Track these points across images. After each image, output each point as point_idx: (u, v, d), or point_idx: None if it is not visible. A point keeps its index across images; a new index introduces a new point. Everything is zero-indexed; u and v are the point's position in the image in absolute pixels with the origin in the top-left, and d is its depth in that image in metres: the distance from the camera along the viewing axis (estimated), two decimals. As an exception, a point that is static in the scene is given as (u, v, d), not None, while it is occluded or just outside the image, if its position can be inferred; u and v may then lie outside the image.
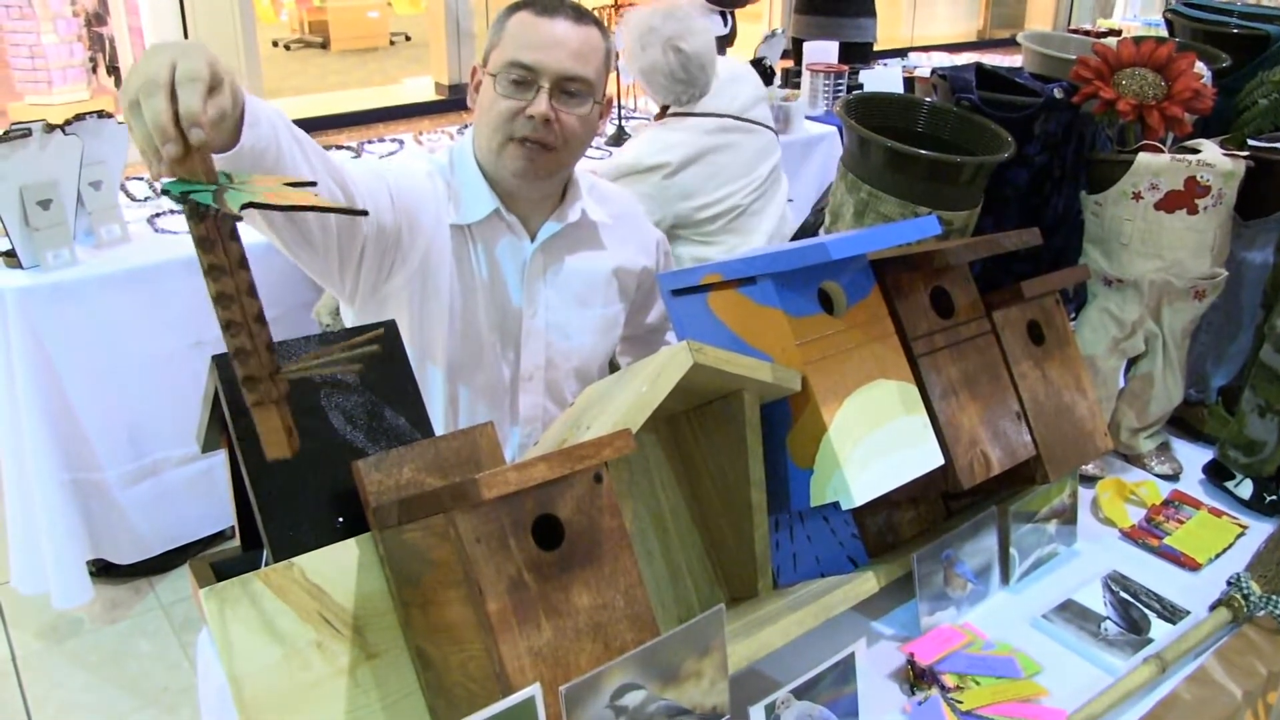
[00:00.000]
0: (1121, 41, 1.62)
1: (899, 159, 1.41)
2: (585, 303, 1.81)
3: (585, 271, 1.80)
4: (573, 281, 1.79)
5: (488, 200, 1.69)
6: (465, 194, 1.70)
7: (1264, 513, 1.53)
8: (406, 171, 1.68)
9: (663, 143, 2.87)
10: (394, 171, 1.66)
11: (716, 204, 2.92)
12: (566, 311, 1.78)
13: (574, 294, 1.79)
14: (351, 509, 1.04)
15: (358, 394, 1.12)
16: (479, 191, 1.69)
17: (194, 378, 2.75)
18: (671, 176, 2.83)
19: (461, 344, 1.71)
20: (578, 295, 1.79)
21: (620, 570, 0.95)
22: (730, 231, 2.96)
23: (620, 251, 1.85)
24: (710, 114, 2.92)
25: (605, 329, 1.85)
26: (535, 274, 1.74)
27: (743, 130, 2.99)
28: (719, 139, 2.90)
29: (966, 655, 1.19)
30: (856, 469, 1.11)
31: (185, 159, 0.97)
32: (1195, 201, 1.49)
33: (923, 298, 1.25)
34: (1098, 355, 1.59)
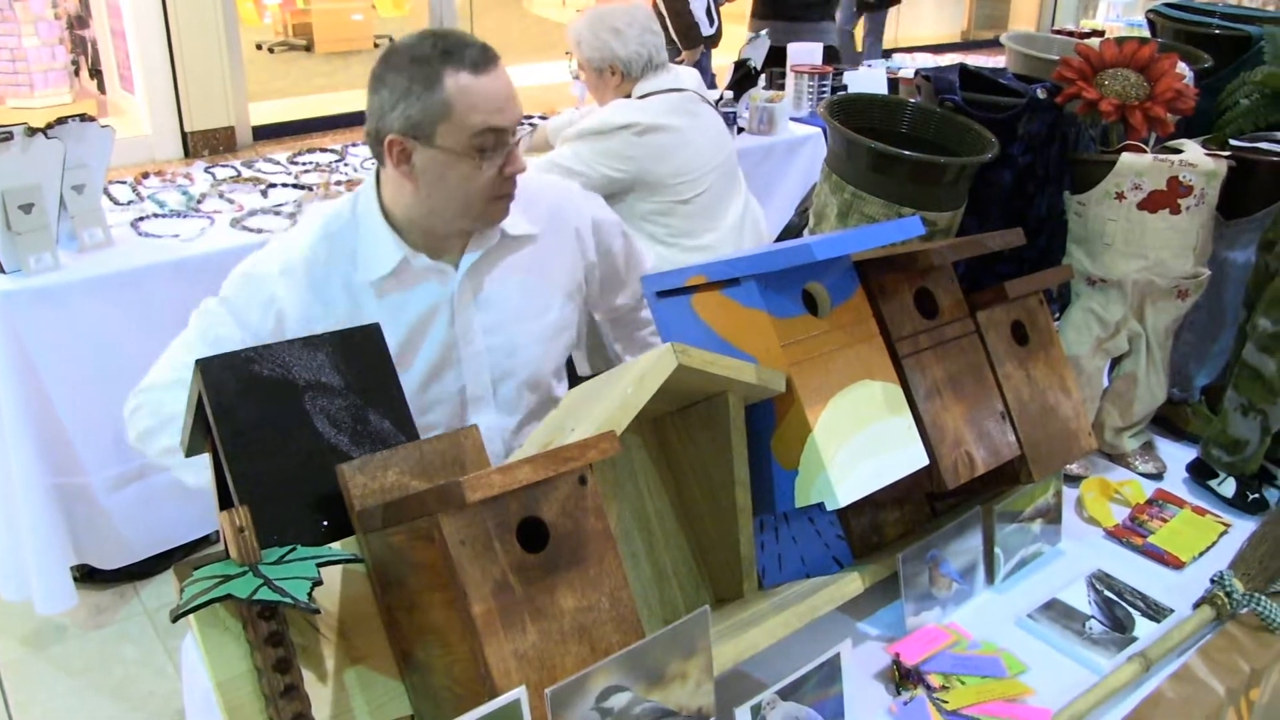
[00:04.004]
0: (1104, 42, 1.62)
1: (883, 160, 1.42)
2: (524, 317, 1.77)
3: (519, 287, 1.76)
4: (507, 300, 1.75)
5: (393, 251, 1.65)
6: (367, 250, 1.66)
7: (1247, 511, 1.54)
8: (265, 310, 1.64)
9: (631, 106, 2.94)
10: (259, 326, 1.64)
11: (688, 174, 2.95)
12: (506, 331, 1.75)
13: (511, 312, 1.75)
14: (336, 512, 1.03)
15: (342, 397, 1.12)
16: (382, 246, 1.65)
17: (179, 382, 2.73)
18: (641, 135, 2.86)
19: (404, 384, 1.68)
20: (515, 312, 1.76)
21: (605, 572, 0.95)
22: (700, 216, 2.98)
23: (555, 259, 1.80)
24: (672, 89, 2.97)
25: (552, 335, 1.82)
26: (465, 303, 1.71)
27: (705, 106, 3.04)
28: (682, 118, 2.95)
29: (952, 655, 1.20)
30: (841, 470, 1.11)
31: None
32: (1178, 201, 1.50)
33: (907, 298, 1.25)
34: (1082, 355, 1.60)
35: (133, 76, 5.91)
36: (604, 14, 3.01)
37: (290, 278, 1.63)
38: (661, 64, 3.03)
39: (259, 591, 0.88)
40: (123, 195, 3.16)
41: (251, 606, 0.92)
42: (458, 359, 1.72)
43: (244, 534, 0.92)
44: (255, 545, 0.93)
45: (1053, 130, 1.66)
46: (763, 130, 3.96)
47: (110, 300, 2.64)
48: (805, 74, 4.33)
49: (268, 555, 0.93)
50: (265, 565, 0.92)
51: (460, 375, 1.73)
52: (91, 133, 2.72)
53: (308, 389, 1.10)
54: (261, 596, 0.87)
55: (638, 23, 3.02)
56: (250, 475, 1.03)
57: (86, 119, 2.70)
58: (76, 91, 6.26)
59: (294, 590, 0.88)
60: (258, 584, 0.88)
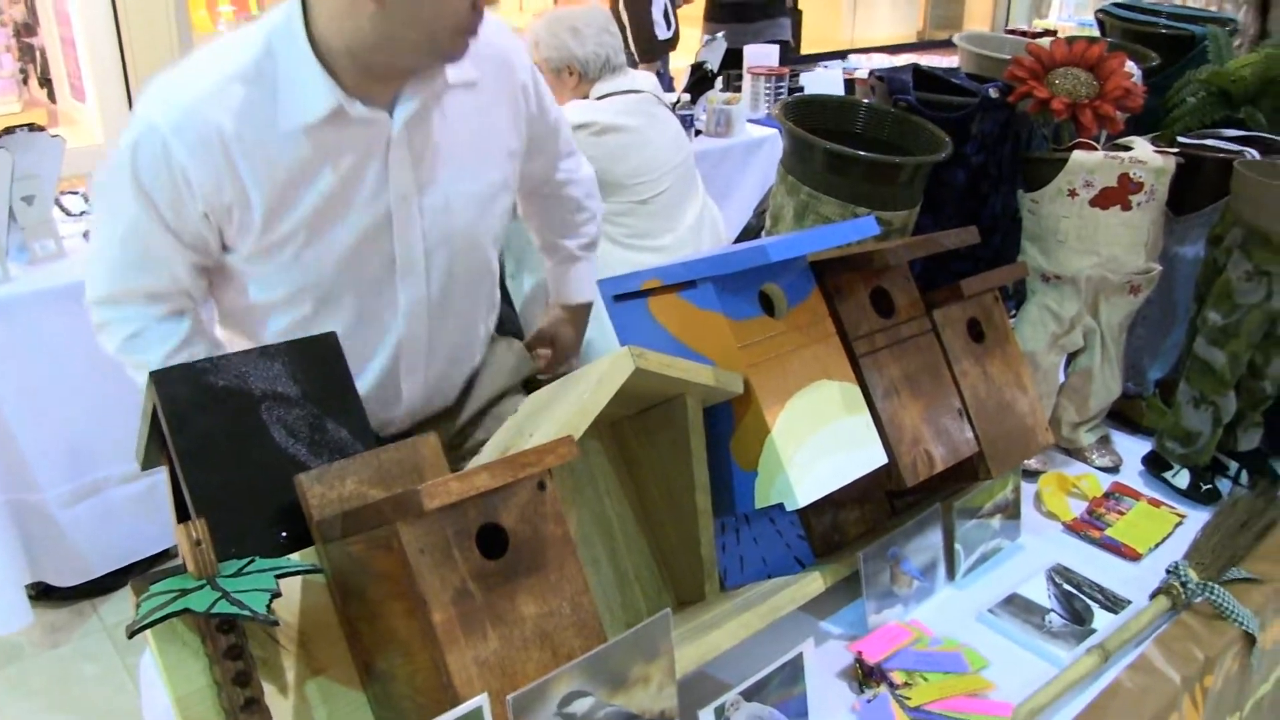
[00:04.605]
0: (1054, 42, 1.64)
1: (838, 160, 1.42)
2: (463, 175, 1.63)
3: (458, 141, 1.61)
4: (445, 156, 1.59)
5: (325, 94, 1.45)
6: (294, 92, 1.46)
7: (1200, 501, 1.56)
8: (164, 181, 1.48)
9: (588, 106, 2.96)
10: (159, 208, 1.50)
11: (647, 174, 2.96)
12: (443, 190, 1.60)
13: (448, 169, 1.60)
14: (295, 523, 1.03)
15: (299, 407, 1.11)
16: (312, 86, 1.45)
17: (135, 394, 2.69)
18: (599, 135, 2.87)
19: (326, 253, 1.55)
20: (453, 169, 1.61)
21: (566, 577, 0.95)
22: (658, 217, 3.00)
23: (496, 112, 1.67)
24: (630, 90, 2.98)
25: (491, 196, 1.69)
26: (400, 158, 1.54)
27: (662, 108, 3.06)
28: (640, 119, 2.97)
29: (914, 652, 1.20)
30: (800, 470, 1.11)
31: None
32: (1129, 198, 1.52)
33: (863, 298, 1.26)
34: (1038, 351, 1.61)
35: (84, 85, 5.84)
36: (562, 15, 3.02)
37: (184, 136, 1.45)
38: (619, 66, 3.04)
39: (217, 605, 0.87)
40: (75, 206, 3.12)
41: (210, 620, 0.91)
42: (390, 222, 1.57)
43: (201, 547, 0.91)
44: (213, 558, 0.92)
45: (1005, 129, 1.68)
46: (720, 132, 3.97)
47: (63, 313, 2.60)
48: (761, 75, 4.35)
49: (225, 568, 0.93)
50: (223, 578, 0.91)
51: (391, 241, 1.58)
52: (41, 142, 2.68)
53: (264, 399, 1.09)
54: (219, 610, 0.86)
55: (596, 24, 3.03)
56: (207, 487, 1.02)
57: (36, 128, 2.67)
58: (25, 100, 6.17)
59: (252, 603, 0.88)
60: (215, 597, 0.88)
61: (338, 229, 1.54)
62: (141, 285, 1.58)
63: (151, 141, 1.46)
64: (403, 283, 1.63)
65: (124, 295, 1.59)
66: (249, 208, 1.50)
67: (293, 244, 1.54)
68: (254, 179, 1.48)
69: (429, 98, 1.55)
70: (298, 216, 1.51)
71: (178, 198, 1.48)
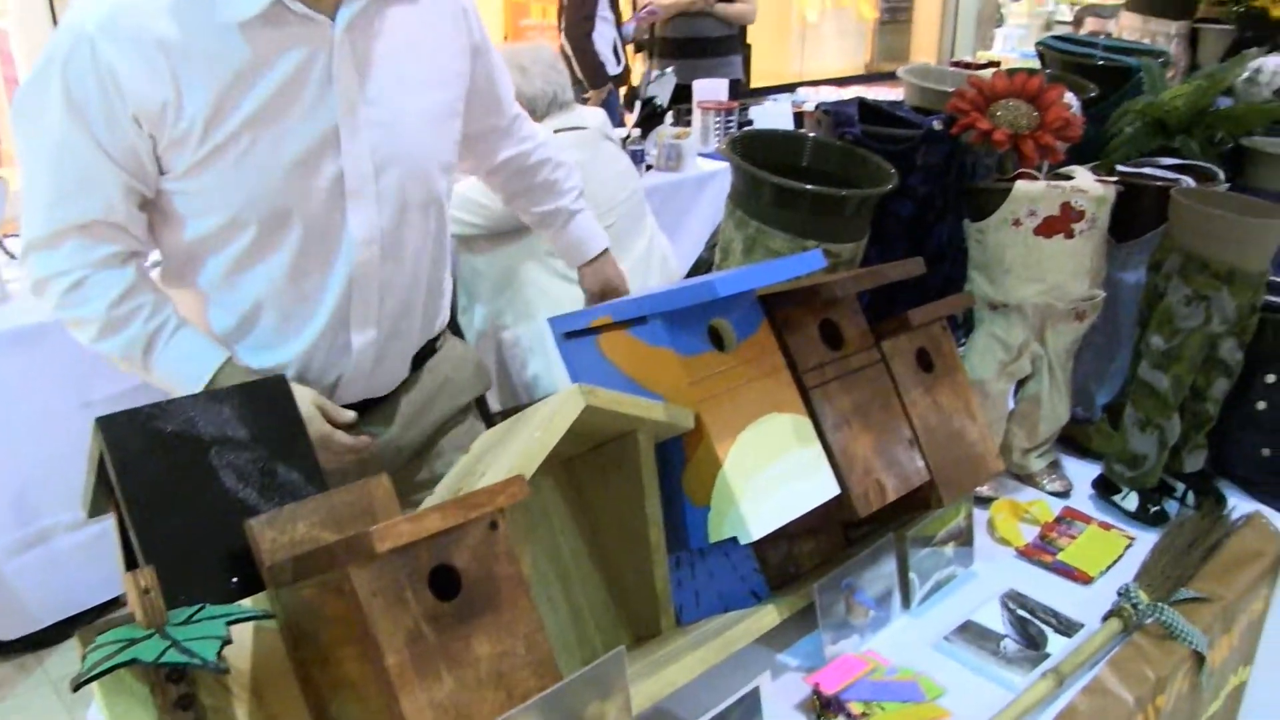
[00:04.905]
0: (995, 74, 1.67)
1: (785, 194, 1.44)
2: (410, 89, 1.59)
3: (403, 53, 1.58)
4: (391, 67, 1.56)
5: None
6: None
7: (1149, 523, 1.58)
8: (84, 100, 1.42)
9: None
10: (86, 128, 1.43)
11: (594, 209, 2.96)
12: (390, 104, 1.56)
13: (394, 81, 1.57)
14: (246, 569, 1.02)
15: (249, 450, 1.10)
16: None
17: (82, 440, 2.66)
18: None
19: (269, 164, 1.50)
20: (399, 82, 1.57)
21: (520, 617, 0.94)
22: None
23: (439, 31, 1.65)
24: (577, 127, 3.00)
25: (439, 119, 1.66)
26: (344, 66, 1.50)
27: (609, 144, 3.07)
28: (586, 155, 2.98)
29: (870, 682, 1.21)
30: (753, 503, 1.12)
31: None
32: (1071, 226, 1.55)
33: (812, 330, 1.27)
34: (987, 379, 1.63)
35: (29, 127, 5.77)
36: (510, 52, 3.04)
37: (112, 35, 1.40)
38: (567, 102, 3.06)
39: (166, 654, 0.86)
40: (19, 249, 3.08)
41: (159, 670, 0.90)
42: (336, 136, 1.52)
43: (149, 595, 0.90)
44: (161, 606, 0.91)
45: (950, 160, 1.70)
46: (671, 167, 4.00)
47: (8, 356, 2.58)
48: (711, 110, 4.39)
49: (175, 616, 0.91)
50: (172, 626, 0.90)
51: (338, 157, 1.52)
52: (-15, 187, 2.66)
53: (214, 443, 1.08)
54: (168, 659, 0.85)
55: (543, 61, 3.05)
56: (156, 534, 1.01)
57: (-21, 172, 2.64)
58: (-31, 144, 6.10)
59: (202, 651, 0.87)
60: (164, 646, 0.87)
61: (281, 138, 1.49)
62: (76, 216, 1.49)
63: (77, 46, 1.40)
64: (353, 205, 1.56)
65: (59, 234, 1.50)
66: (183, 110, 1.43)
67: (233, 150, 1.47)
68: (189, 80, 1.42)
69: (371, 4, 1.52)
70: (237, 120, 1.45)
71: (107, 105, 1.42)
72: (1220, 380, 1.59)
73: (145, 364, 1.57)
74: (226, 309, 1.62)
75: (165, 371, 1.58)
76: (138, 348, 1.56)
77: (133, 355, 1.56)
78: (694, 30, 5.57)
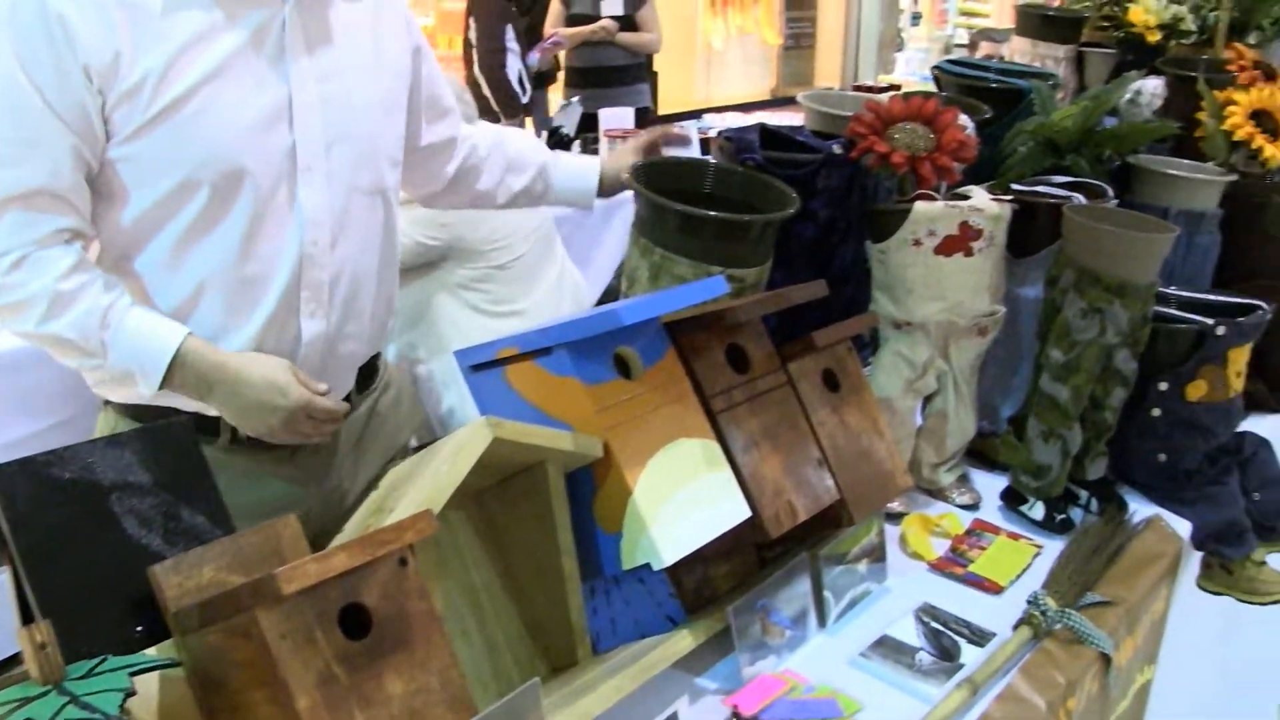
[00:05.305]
0: (892, 98, 1.71)
1: (689, 221, 1.46)
2: (360, 70, 1.60)
3: (353, 37, 1.59)
4: (341, 46, 1.57)
5: None
6: None
7: (1055, 531, 1.62)
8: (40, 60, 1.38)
9: None
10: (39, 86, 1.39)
11: (504, 239, 2.96)
12: (341, 80, 1.57)
13: (345, 60, 1.58)
14: (151, 617, 0.99)
15: (151, 495, 1.08)
16: None
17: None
18: None
19: (221, 125, 1.47)
20: (350, 61, 1.58)
21: (433, 653, 0.94)
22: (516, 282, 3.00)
23: (385, 28, 1.66)
24: None
25: (388, 108, 1.66)
26: (296, 39, 1.51)
27: None
28: None
29: (789, 701, 1.22)
30: (664, 529, 1.12)
31: None
32: (970, 244, 1.58)
33: (718, 355, 1.29)
34: (894, 396, 1.66)
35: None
36: None
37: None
38: None
39: (63, 711, 0.83)
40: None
41: None
42: (289, 108, 1.51)
43: (46, 650, 0.88)
44: (59, 661, 0.88)
45: (851, 183, 1.74)
46: (581, 195, 4.00)
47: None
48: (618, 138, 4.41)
49: (74, 670, 0.89)
50: (71, 681, 0.87)
51: (291, 130, 1.52)
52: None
53: (114, 489, 1.06)
54: (66, 716, 0.83)
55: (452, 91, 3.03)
56: (53, 586, 0.98)
57: None
58: None
59: (103, 705, 0.84)
60: (62, 703, 0.84)
61: (236, 102, 1.48)
62: (19, 184, 1.41)
63: None
64: (303, 180, 1.55)
65: None
66: (136, 63, 1.41)
67: (187, 108, 1.44)
68: (143, 33, 1.41)
69: None
70: (192, 79, 1.44)
71: (56, 57, 1.38)
72: (1117, 389, 1.64)
73: (102, 342, 1.46)
74: (167, 293, 1.54)
75: (125, 349, 1.48)
76: (94, 321, 1.45)
77: (88, 333, 1.45)
78: (599, 60, 5.62)
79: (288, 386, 1.50)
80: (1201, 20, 2.71)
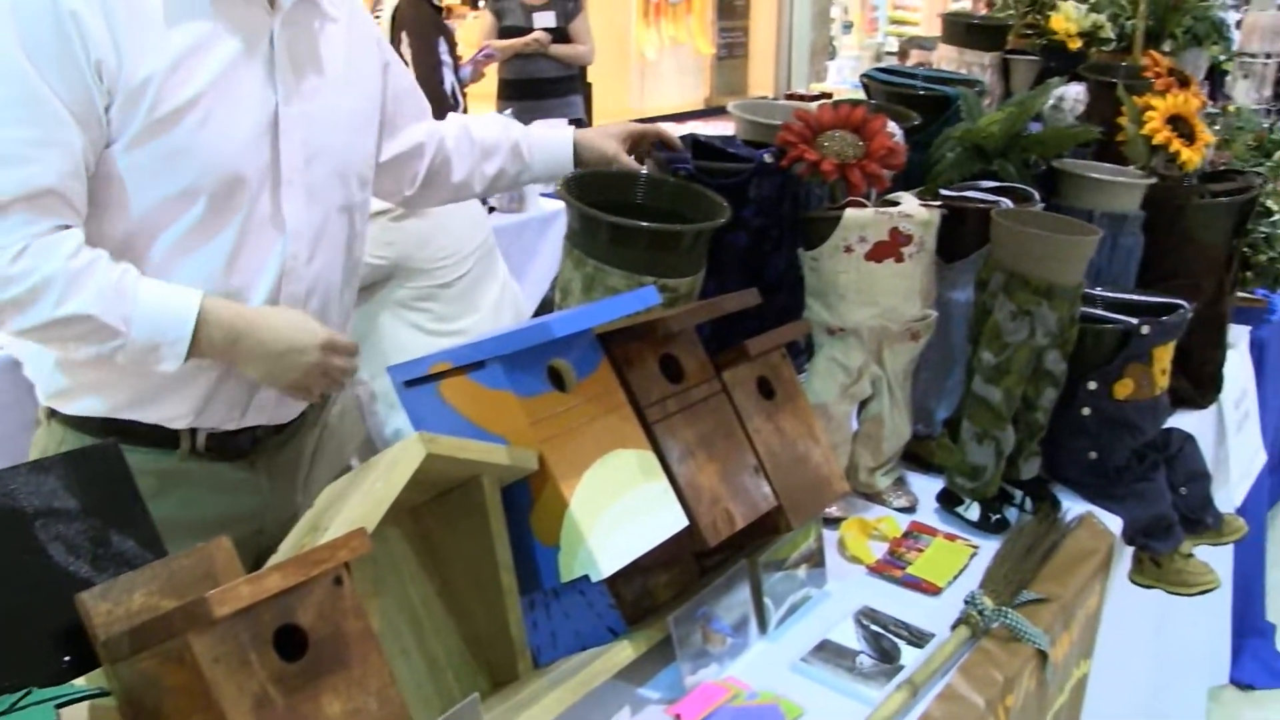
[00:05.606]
0: (821, 106, 1.72)
1: (621, 233, 1.46)
2: (336, 88, 1.63)
3: (332, 57, 1.63)
4: (323, 65, 1.61)
5: None
6: None
7: (991, 531, 1.64)
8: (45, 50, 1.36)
9: None
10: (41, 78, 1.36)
11: (449, 257, 2.93)
12: (323, 98, 1.60)
13: (326, 79, 1.61)
14: (80, 646, 0.97)
15: (79, 521, 1.05)
16: None
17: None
18: (399, 220, 2.82)
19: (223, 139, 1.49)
20: (328, 79, 1.62)
21: (370, 672, 0.93)
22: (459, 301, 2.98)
23: (359, 52, 1.70)
24: None
25: (359, 126, 1.70)
26: (282, 52, 1.54)
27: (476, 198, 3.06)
28: None
29: (731, 709, 1.22)
30: (601, 540, 1.13)
31: None
32: (900, 250, 1.60)
33: (652, 365, 1.29)
34: (829, 402, 1.67)
35: None
36: None
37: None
38: None
39: None
40: None
41: None
42: (275, 122, 1.54)
43: None
44: None
45: (782, 191, 1.75)
46: (514, 208, 4.00)
47: None
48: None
49: None
50: None
51: (276, 143, 1.54)
52: None
53: (38, 516, 1.03)
54: None
55: None
56: (-24, 619, 0.96)
57: None
58: None
59: None
60: None
61: (235, 112, 1.49)
62: (27, 183, 1.36)
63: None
64: (287, 194, 1.56)
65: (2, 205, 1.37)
66: (142, 63, 1.40)
67: (192, 116, 1.43)
68: (149, 35, 1.40)
69: (302, 5, 1.57)
70: (195, 87, 1.44)
71: (70, 54, 1.36)
72: (1048, 390, 1.67)
73: (124, 316, 1.42)
74: None
75: (147, 319, 1.43)
76: (112, 294, 1.41)
77: (109, 306, 1.40)
78: (531, 72, 5.62)
79: (311, 325, 1.53)
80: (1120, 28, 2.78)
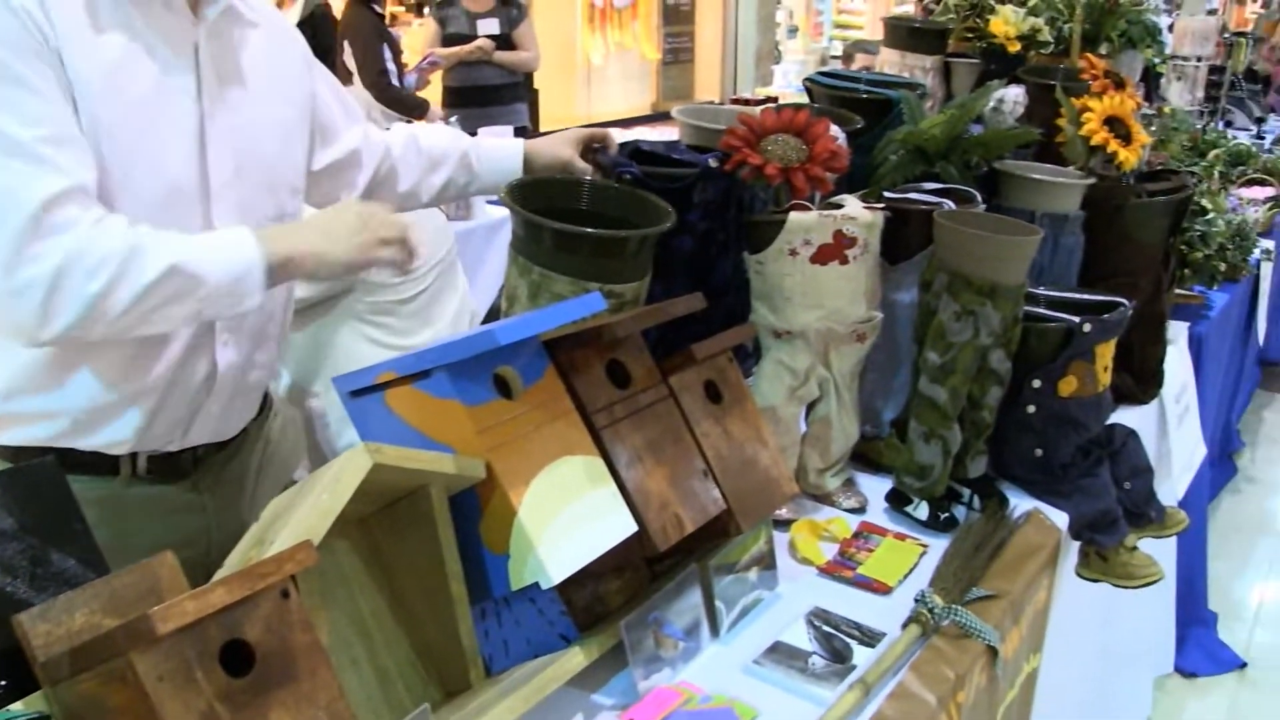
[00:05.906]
0: (764, 110, 1.73)
1: (566, 239, 1.46)
2: (266, 100, 1.60)
3: (256, 67, 1.59)
4: (248, 75, 1.58)
5: None
6: None
7: (940, 530, 1.66)
8: None
9: None
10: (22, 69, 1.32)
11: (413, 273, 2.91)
12: (250, 109, 1.57)
13: (252, 90, 1.58)
14: (19, 668, 0.95)
15: (16, 540, 1.03)
16: None
17: None
18: None
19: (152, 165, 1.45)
20: (254, 91, 1.58)
21: (319, 686, 0.92)
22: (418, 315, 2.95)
23: (283, 60, 1.67)
24: None
25: (288, 135, 1.66)
26: (208, 63, 1.50)
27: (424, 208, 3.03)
28: (407, 216, 2.91)
29: (685, 712, 1.22)
30: (550, 547, 1.12)
31: None
32: (845, 252, 1.61)
33: (598, 371, 1.29)
34: (777, 405, 1.68)
35: None
36: None
37: None
38: None
39: None
40: None
41: None
42: (203, 132, 1.49)
43: None
44: None
45: (727, 196, 1.76)
46: (460, 215, 3.99)
47: None
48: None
49: None
50: None
51: (204, 156, 1.50)
52: None
53: (-25, 537, 1.02)
54: None
55: None
56: (-93, 646, 0.94)
57: None
58: None
59: None
60: None
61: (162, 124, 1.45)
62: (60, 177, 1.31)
63: None
64: (216, 207, 1.52)
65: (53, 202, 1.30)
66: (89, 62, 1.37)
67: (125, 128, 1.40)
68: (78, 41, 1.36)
69: (226, 13, 1.53)
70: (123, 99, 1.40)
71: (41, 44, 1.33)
72: (994, 389, 1.69)
73: (196, 257, 1.37)
74: None
75: (214, 266, 1.39)
76: (177, 243, 1.37)
77: (181, 252, 1.36)
78: (476, 79, 5.61)
79: (351, 200, 1.63)
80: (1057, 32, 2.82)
